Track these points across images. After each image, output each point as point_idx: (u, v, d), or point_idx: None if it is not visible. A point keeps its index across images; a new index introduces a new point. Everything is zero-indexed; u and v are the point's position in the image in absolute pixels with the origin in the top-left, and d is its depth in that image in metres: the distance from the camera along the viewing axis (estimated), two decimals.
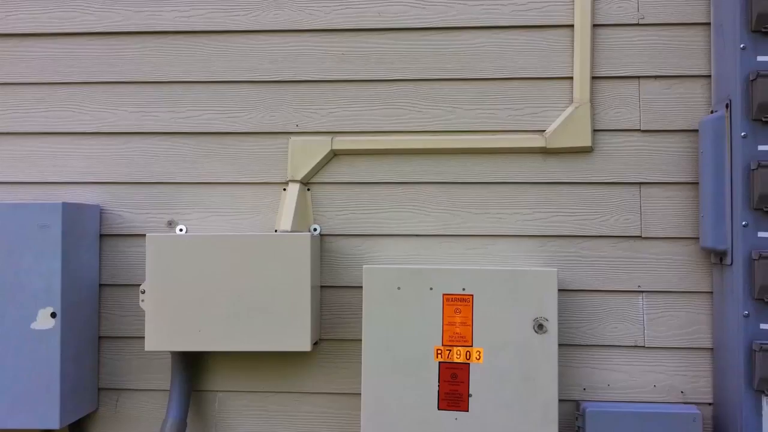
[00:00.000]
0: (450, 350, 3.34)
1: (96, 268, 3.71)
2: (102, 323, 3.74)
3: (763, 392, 3.22)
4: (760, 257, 3.21)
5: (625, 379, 3.54)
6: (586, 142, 3.54)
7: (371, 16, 3.67)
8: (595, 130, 3.57)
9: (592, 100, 3.56)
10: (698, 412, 3.37)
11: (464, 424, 3.32)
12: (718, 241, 3.35)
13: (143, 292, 3.45)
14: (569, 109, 3.56)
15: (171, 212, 3.72)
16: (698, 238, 3.51)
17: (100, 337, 3.73)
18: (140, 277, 3.65)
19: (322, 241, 3.66)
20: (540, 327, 3.31)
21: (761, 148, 3.26)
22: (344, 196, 3.67)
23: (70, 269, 3.47)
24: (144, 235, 3.51)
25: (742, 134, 3.27)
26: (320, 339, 3.66)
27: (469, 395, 3.32)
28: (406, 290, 3.38)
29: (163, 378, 3.69)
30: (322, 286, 3.66)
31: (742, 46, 3.27)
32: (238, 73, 3.72)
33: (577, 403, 3.52)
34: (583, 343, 3.56)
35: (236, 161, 3.70)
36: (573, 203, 3.57)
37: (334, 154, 3.67)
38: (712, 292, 3.52)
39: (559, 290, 3.40)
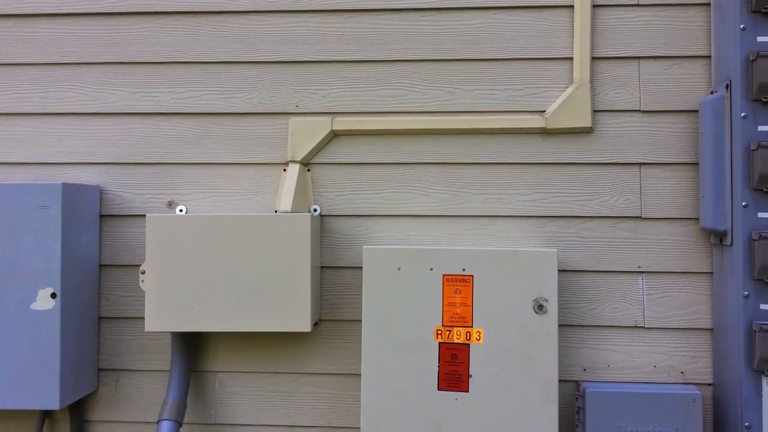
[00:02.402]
0: (450, 331, 3.34)
1: (96, 248, 3.70)
2: (102, 304, 3.73)
3: (763, 372, 3.23)
4: (760, 237, 3.21)
5: (625, 359, 3.54)
6: (586, 122, 3.54)
7: None
8: (595, 111, 3.57)
9: (592, 81, 3.56)
10: (698, 392, 3.37)
11: (464, 404, 3.32)
12: (718, 221, 3.36)
13: (143, 273, 3.44)
14: (569, 90, 3.56)
15: (171, 193, 3.72)
16: (698, 218, 3.51)
17: (100, 318, 3.73)
18: (140, 258, 3.65)
19: (322, 221, 3.66)
20: (540, 307, 3.31)
21: (761, 128, 3.27)
22: (344, 176, 3.67)
23: (70, 250, 3.47)
24: (144, 216, 3.52)
25: (742, 115, 3.27)
26: (320, 319, 3.66)
27: (469, 376, 3.33)
28: (407, 271, 3.38)
29: (163, 358, 3.69)
30: (322, 267, 3.67)
31: (742, 26, 3.27)
32: (237, 54, 3.71)
33: (577, 384, 3.52)
34: (583, 324, 3.56)
35: (236, 142, 3.70)
36: (573, 184, 3.57)
37: (334, 135, 3.67)
38: (712, 273, 3.52)
39: (559, 271, 3.41)
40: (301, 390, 3.67)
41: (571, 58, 3.58)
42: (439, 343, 3.35)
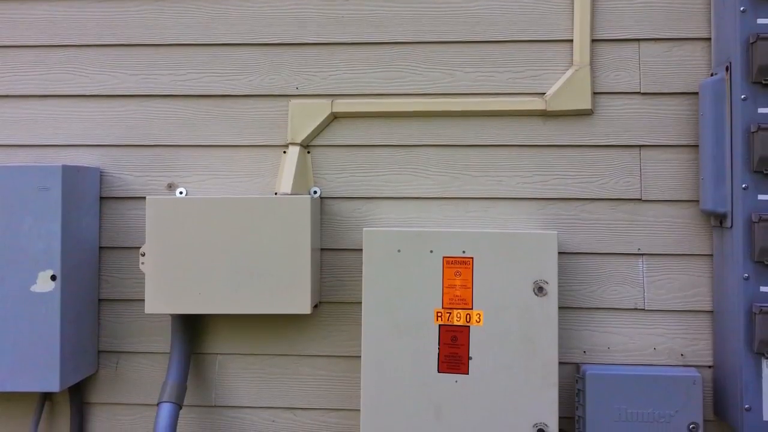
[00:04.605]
0: (450, 313, 3.34)
1: (96, 230, 3.70)
2: (102, 286, 3.73)
3: (763, 355, 3.23)
4: (760, 220, 3.21)
5: (625, 341, 3.54)
6: (586, 104, 3.54)
7: None
8: (594, 93, 3.57)
9: (592, 63, 3.56)
10: (698, 374, 3.37)
11: (464, 386, 3.32)
12: (718, 203, 3.36)
13: (143, 255, 3.45)
14: (569, 72, 3.56)
15: (171, 175, 3.72)
16: (698, 200, 3.51)
17: (100, 300, 3.73)
18: (140, 240, 3.64)
19: (322, 203, 3.66)
20: (540, 290, 3.31)
21: (761, 110, 3.27)
22: (344, 158, 3.67)
23: (70, 232, 3.47)
24: (144, 198, 3.50)
25: (742, 97, 3.27)
26: (320, 302, 3.66)
27: (469, 358, 3.32)
28: (407, 253, 3.37)
29: (163, 340, 3.69)
30: (322, 249, 3.67)
31: (742, 8, 3.27)
32: (237, 36, 3.71)
33: (577, 366, 3.53)
34: (583, 306, 3.56)
35: (236, 124, 3.70)
36: (573, 166, 3.57)
37: (334, 117, 3.67)
38: (712, 255, 3.52)
39: (559, 253, 3.40)
40: (301, 372, 3.67)
41: (571, 41, 3.57)
42: (439, 325, 3.35)
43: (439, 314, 3.35)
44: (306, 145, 3.67)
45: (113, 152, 3.75)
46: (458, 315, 3.34)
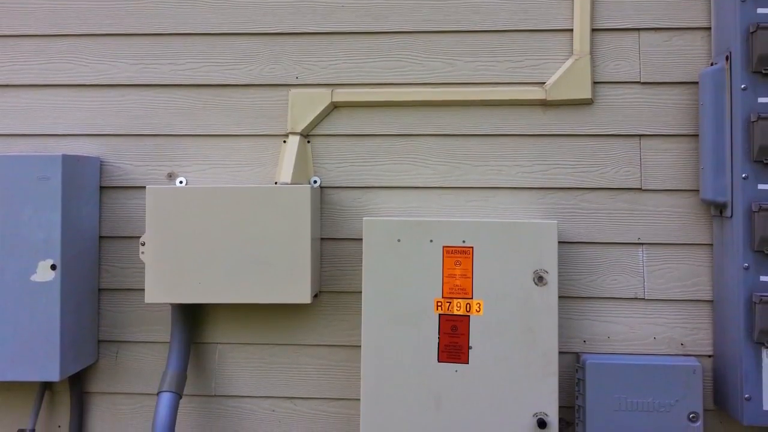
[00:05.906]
0: (450, 302, 3.34)
1: (96, 220, 3.70)
2: (102, 275, 3.74)
3: (763, 344, 3.23)
4: (760, 209, 3.22)
5: (625, 331, 3.54)
6: (586, 94, 3.54)
7: None
8: (594, 83, 3.56)
9: (591, 53, 3.56)
10: (698, 364, 3.37)
11: (464, 376, 3.32)
12: (718, 193, 3.36)
13: (143, 244, 3.44)
14: (569, 62, 3.56)
15: (171, 164, 3.72)
16: (698, 190, 3.51)
17: (100, 290, 3.73)
18: (140, 229, 3.64)
19: (322, 193, 3.66)
20: (540, 279, 3.31)
21: (761, 100, 3.27)
22: (344, 148, 3.67)
23: (70, 221, 3.47)
24: (144, 187, 3.51)
25: (742, 86, 3.28)
26: (320, 291, 3.66)
27: (469, 347, 3.32)
28: (406, 242, 3.37)
29: (163, 330, 3.69)
30: (322, 238, 3.67)
31: None
32: (237, 26, 3.71)
33: (577, 355, 3.53)
34: (583, 296, 3.56)
35: (236, 113, 3.70)
36: (573, 155, 3.57)
37: (334, 107, 3.67)
38: (712, 245, 3.52)
39: (559, 242, 3.39)
40: (301, 362, 3.67)
41: (571, 30, 3.58)
42: (439, 314, 3.35)
43: (439, 304, 3.35)
44: (306, 135, 3.67)
45: (113, 142, 3.75)
46: (458, 304, 3.33)
